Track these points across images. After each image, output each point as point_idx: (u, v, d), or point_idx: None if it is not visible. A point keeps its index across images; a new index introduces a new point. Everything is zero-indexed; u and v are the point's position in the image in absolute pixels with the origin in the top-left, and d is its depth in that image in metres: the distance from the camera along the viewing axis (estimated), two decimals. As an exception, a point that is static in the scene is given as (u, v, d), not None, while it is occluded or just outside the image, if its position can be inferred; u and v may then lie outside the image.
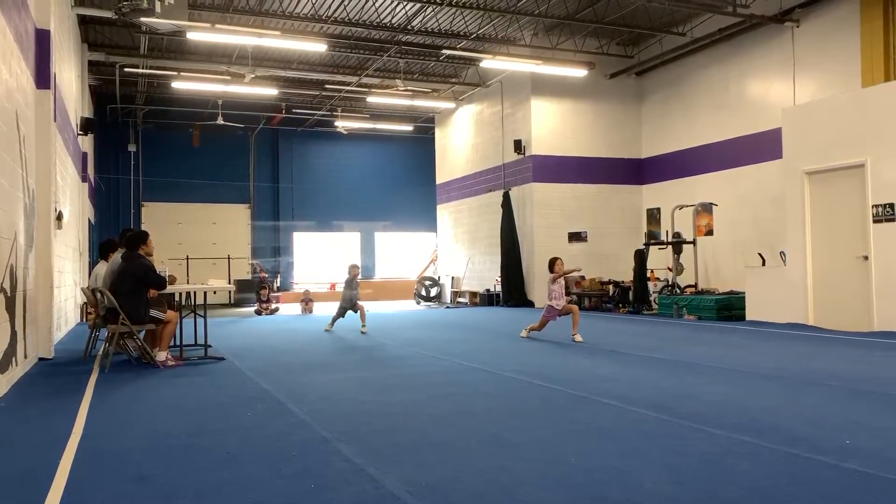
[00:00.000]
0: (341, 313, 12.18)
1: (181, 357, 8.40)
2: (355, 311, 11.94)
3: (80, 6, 13.90)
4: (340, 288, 24.42)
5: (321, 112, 23.07)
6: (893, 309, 10.06)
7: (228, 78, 17.93)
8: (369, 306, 18.49)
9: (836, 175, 10.99)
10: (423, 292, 21.74)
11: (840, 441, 4.15)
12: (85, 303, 14.36)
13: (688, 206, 15.69)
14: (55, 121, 9.35)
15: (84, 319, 14.67)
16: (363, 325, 11.68)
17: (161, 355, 7.87)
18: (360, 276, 12.48)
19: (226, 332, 12.01)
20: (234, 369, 7.61)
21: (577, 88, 17.78)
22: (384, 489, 3.40)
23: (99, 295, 8.11)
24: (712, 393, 5.78)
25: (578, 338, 9.62)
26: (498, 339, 10.59)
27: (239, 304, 21.38)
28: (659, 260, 15.99)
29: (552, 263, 10.19)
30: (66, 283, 12.38)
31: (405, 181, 26.65)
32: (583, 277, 16.62)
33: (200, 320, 8.95)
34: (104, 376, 7.20)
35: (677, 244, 14.99)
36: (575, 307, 10.11)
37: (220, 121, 21.26)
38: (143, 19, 10.63)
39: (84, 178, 16.66)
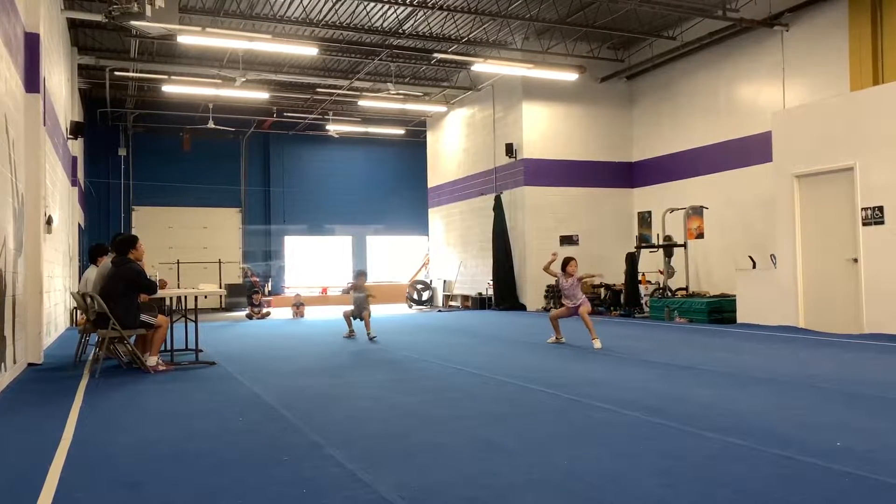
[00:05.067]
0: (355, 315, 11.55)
1: (172, 362, 8.36)
2: (360, 319, 11.34)
3: (69, 10, 13.85)
4: (332, 292, 24.57)
5: (312, 116, 23.04)
6: (883, 311, 10.12)
7: (219, 82, 17.89)
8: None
9: (825, 178, 11.06)
10: (416, 296, 21.72)
11: (831, 443, 4.16)
12: (75, 307, 14.27)
13: (678, 209, 15.76)
14: (45, 125, 9.30)
15: (74, 324, 14.58)
16: (369, 332, 11.03)
17: (152, 360, 7.83)
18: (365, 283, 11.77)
19: (217, 337, 11.97)
20: (226, 374, 7.58)
21: (568, 92, 17.83)
22: (377, 494, 3.39)
23: (89, 300, 8.06)
24: (704, 396, 5.79)
25: (597, 344, 9.09)
26: (490, 342, 10.59)
27: (230, 308, 21.34)
28: (650, 263, 16.03)
29: (566, 264, 9.70)
30: (56, 287, 12.31)
31: (397, 185, 26.65)
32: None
33: (191, 325, 8.91)
34: (94, 382, 7.16)
35: (668, 247, 15.04)
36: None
37: (210, 125, 21.20)
38: (133, 23, 10.58)
39: (74, 183, 16.58)
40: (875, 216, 10.26)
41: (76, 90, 17.34)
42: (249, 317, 17.31)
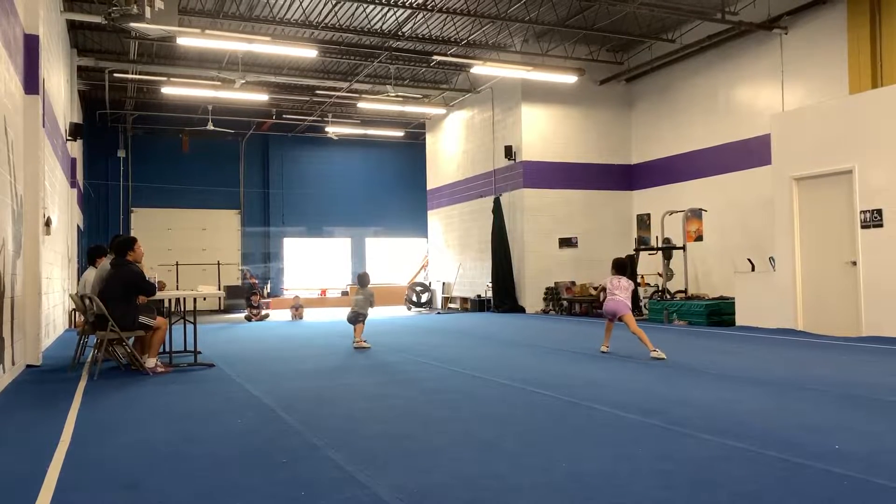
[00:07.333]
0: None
1: (170, 364, 8.35)
2: (353, 324, 10.42)
3: (69, 11, 13.86)
4: (331, 294, 24.55)
5: (312, 118, 23.05)
6: (881, 314, 10.12)
7: (218, 83, 17.89)
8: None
9: (824, 181, 11.07)
10: (414, 298, 21.72)
11: (830, 446, 4.16)
12: (73, 309, 14.26)
13: (677, 211, 15.76)
14: (44, 126, 9.31)
15: (73, 326, 14.57)
16: (355, 339, 10.24)
17: (150, 362, 7.82)
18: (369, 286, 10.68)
19: (215, 339, 11.96)
20: (224, 376, 7.58)
21: (568, 95, 17.84)
22: (375, 496, 3.38)
23: (88, 301, 8.05)
24: (702, 398, 5.79)
25: (658, 353, 8.28)
26: (489, 344, 10.59)
27: (229, 310, 21.32)
28: (649, 265, 16.04)
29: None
30: (55, 289, 12.29)
31: (396, 187, 26.66)
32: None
33: (190, 327, 8.91)
34: (93, 383, 7.15)
35: (667, 250, 15.05)
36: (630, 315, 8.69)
37: (209, 126, 21.21)
38: (132, 25, 10.58)
39: (73, 184, 16.58)
40: (874, 219, 10.27)
41: (75, 92, 17.34)
42: (248, 318, 17.29)
